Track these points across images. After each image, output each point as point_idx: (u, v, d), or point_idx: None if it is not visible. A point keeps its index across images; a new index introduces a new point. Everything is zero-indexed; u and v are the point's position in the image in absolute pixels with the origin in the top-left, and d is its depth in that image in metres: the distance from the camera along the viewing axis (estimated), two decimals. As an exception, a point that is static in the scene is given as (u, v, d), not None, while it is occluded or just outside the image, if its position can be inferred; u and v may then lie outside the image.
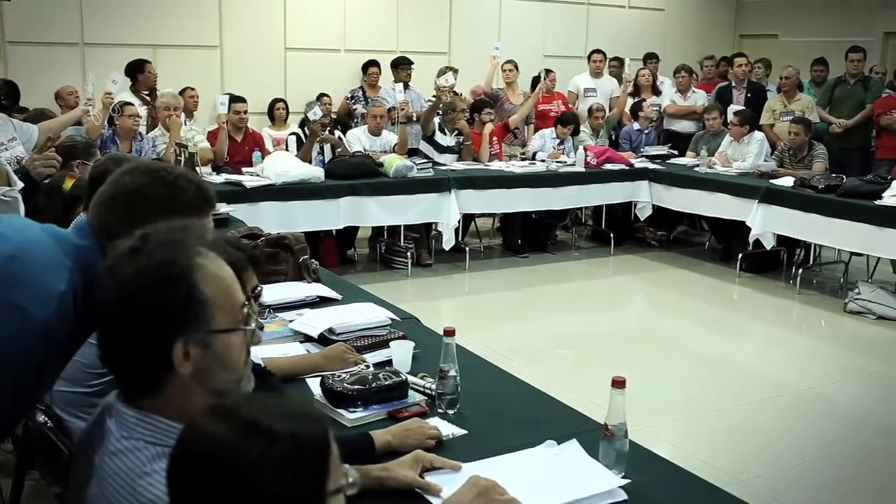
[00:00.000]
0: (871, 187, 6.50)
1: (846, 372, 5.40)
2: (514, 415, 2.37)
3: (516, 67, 8.65)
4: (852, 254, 7.04)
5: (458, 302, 6.74)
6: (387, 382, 2.32)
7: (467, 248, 7.36)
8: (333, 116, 8.02)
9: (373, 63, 8.57)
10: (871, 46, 10.18)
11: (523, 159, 7.90)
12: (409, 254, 7.02)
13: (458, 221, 6.99)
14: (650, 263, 7.77)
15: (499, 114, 8.42)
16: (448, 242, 6.96)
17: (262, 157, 6.83)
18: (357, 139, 7.31)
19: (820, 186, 6.70)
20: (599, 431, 2.02)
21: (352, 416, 2.23)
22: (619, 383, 1.97)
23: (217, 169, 6.71)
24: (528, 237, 7.87)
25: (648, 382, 4.98)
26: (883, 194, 6.30)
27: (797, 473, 3.98)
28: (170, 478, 1.13)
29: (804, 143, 7.47)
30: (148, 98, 7.20)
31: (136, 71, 7.19)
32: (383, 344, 2.72)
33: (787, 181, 7.04)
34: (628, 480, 1.94)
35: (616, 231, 8.09)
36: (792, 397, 4.93)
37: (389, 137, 7.43)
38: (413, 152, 7.53)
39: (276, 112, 8.01)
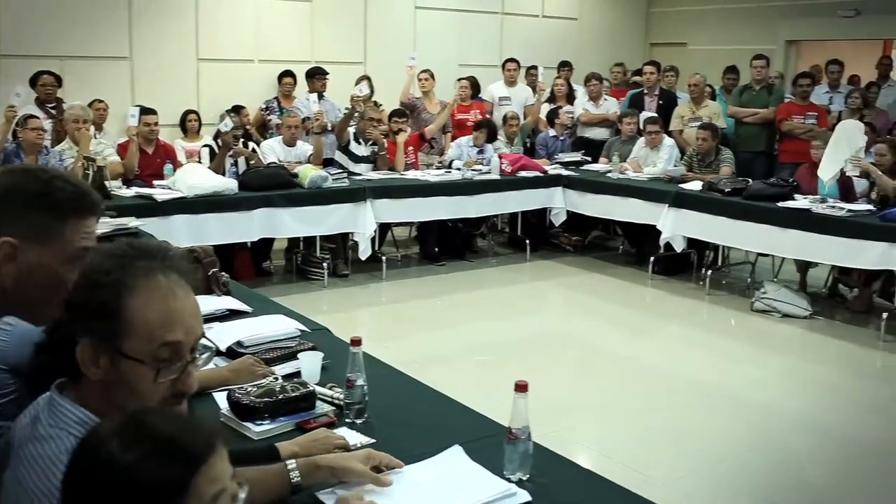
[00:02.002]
0: (774, 190, 6.73)
1: (756, 369, 5.57)
2: (422, 422, 2.39)
3: (432, 76, 8.71)
4: (758, 254, 7.28)
5: (375, 311, 6.75)
6: (294, 394, 2.32)
7: (384, 258, 7.36)
8: (248, 128, 7.95)
9: (288, 73, 8.52)
10: (774, 54, 10.54)
11: (439, 168, 7.93)
12: (325, 265, 6.99)
13: (375, 231, 6.99)
14: (566, 268, 7.89)
15: (416, 123, 8.47)
16: (364, 252, 6.95)
17: (174, 170, 6.72)
18: (271, 150, 7.26)
19: (726, 190, 6.91)
20: (504, 435, 2.05)
21: (258, 429, 2.22)
22: (521, 387, 2.00)
23: (128, 182, 6.58)
24: (444, 245, 7.91)
25: (565, 385, 5.07)
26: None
27: (714, 472, 4.09)
28: (66, 469, 1.17)
29: (711, 149, 7.69)
30: (53, 111, 7.03)
31: (32, 83, 7.03)
32: (292, 356, 2.71)
33: (695, 185, 7.24)
34: (511, 484, 1.97)
35: (532, 237, 8.20)
36: (705, 396, 5.06)
37: (304, 148, 7.39)
38: (328, 162, 7.52)
39: (188, 124, 7.91)
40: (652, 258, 7.50)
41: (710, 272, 7.23)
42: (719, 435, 4.49)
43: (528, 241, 8.14)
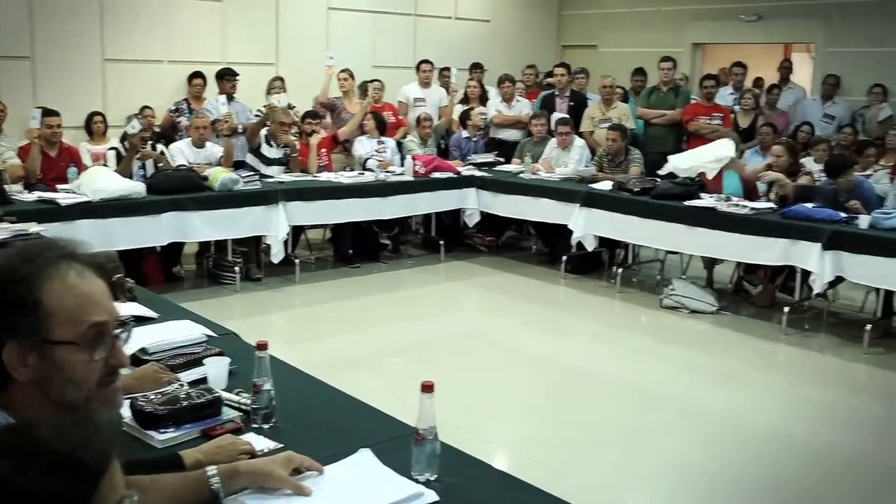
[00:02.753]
0: (681, 189, 6.89)
1: (665, 364, 5.70)
2: (331, 426, 2.38)
3: (352, 76, 8.69)
4: (667, 252, 7.45)
5: (289, 315, 6.68)
6: (199, 400, 2.28)
7: (297, 261, 7.29)
8: (156, 129, 7.79)
9: (197, 74, 8.37)
10: (681, 56, 10.80)
11: (351, 170, 7.89)
12: (237, 268, 6.88)
13: (288, 234, 6.93)
14: (480, 268, 7.94)
15: (337, 123, 8.47)
16: (277, 255, 6.87)
17: (79, 173, 6.54)
18: (180, 152, 7.12)
19: (635, 189, 7.06)
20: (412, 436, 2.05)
21: (162, 437, 2.17)
22: (427, 388, 2.01)
23: (29, 186, 6.37)
24: (359, 247, 7.88)
25: (480, 385, 5.11)
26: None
27: (626, 464, 4.16)
28: None
29: (621, 149, 7.83)
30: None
31: None
32: (198, 362, 2.66)
33: (605, 185, 7.37)
34: (419, 485, 1.97)
35: (446, 238, 8.23)
36: (617, 391, 5.16)
37: (214, 150, 7.27)
38: (239, 165, 7.41)
39: (93, 126, 7.68)
40: (564, 257, 7.60)
41: (620, 270, 7.37)
42: (631, 429, 4.58)
43: (442, 242, 8.17)
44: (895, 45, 9.73)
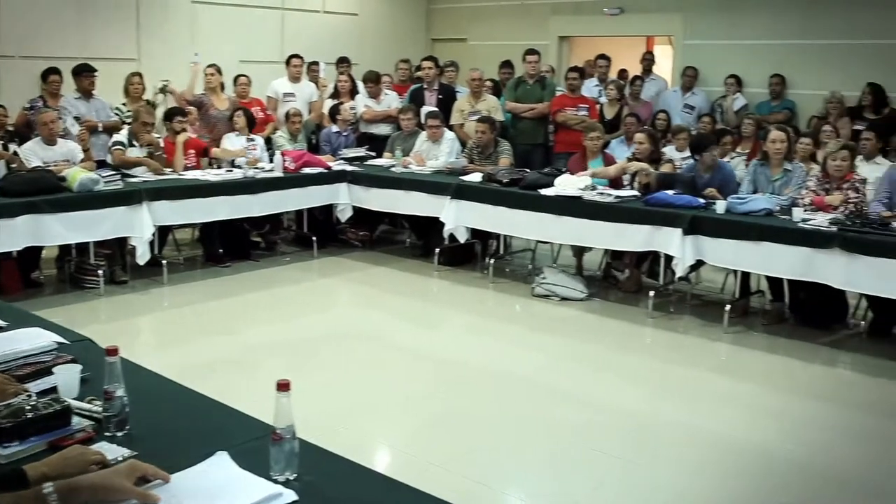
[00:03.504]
0: (548, 179, 7.02)
1: (539, 352, 5.81)
2: (189, 430, 2.32)
3: (219, 71, 8.51)
4: (538, 241, 7.59)
5: (156, 318, 6.48)
6: (46, 411, 2.17)
7: (165, 262, 7.08)
8: (9, 129, 7.42)
9: (53, 70, 8.00)
10: (547, 49, 11.01)
11: (219, 167, 7.72)
12: (100, 272, 6.63)
13: (154, 234, 6.72)
14: (354, 264, 7.90)
15: (205, 119, 8.30)
16: (143, 257, 6.64)
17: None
18: (33, 153, 6.73)
19: (504, 181, 7.16)
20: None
21: (6, 452, 2.07)
22: (283, 386, 1.98)
23: None
24: (229, 246, 7.71)
25: (354, 380, 5.09)
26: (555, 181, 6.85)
27: (501, 453, 4.20)
28: None
29: (490, 141, 7.93)
30: None
31: None
32: (47, 371, 2.55)
33: (475, 177, 7.44)
34: (278, 485, 1.95)
35: (319, 234, 8.14)
36: (491, 381, 5.22)
37: (69, 146, 6.96)
38: (100, 164, 7.14)
39: (-63, 126, 7.27)
40: (437, 250, 7.65)
41: (493, 261, 7.46)
42: (505, 417, 4.64)
43: (314, 239, 8.08)
44: (748, 37, 10.18)
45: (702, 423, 4.68)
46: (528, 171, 7.42)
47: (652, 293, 6.54)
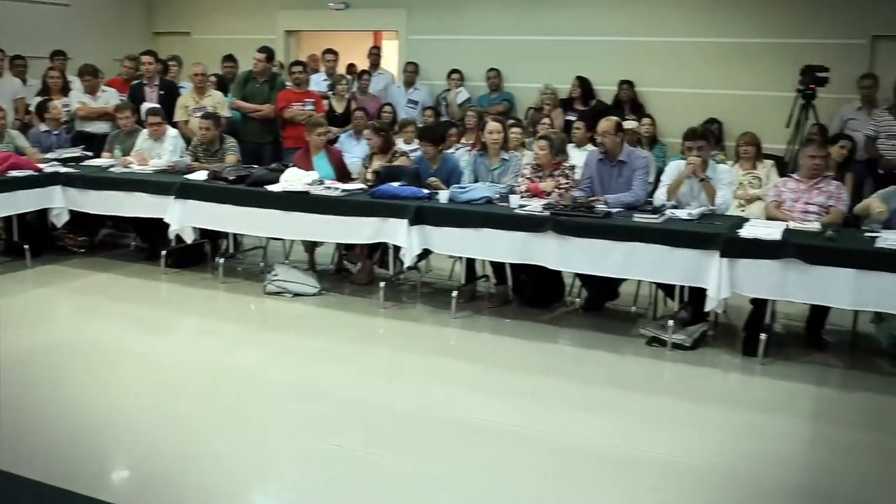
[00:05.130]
0: (275, 175, 6.96)
1: (269, 349, 5.72)
2: None
3: None
4: (269, 238, 7.50)
5: None
6: None
7: None
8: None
9: None
10: (275, 43, 10.91)
11: None
12: None
13: None
14: (74, 271, 7.42)
15: None
16: None
17: None
18: None
19: (231, 178, 7.01)
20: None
21: None
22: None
23: None
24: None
25: (76, 394, 4.79)
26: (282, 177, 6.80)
27: (239, 456, 4.09)
28: None
29: (216, 138, 7.74)
30: None
31: None
32: None
33: (201, 175, 7.22)
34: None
35: (32, 242, 7.52)
36: (226, 382, 5.07)
37: None
38: None
39: None
40: (164, 252, 7.35)
41: (223, 261, 7.28)
42: (241, 417, 4.52)
43: (27, 247, 7.46)
44: (469, 33, 10.61)
45: (431, 406, 4.79)
46: (255, 167, 7.31)
47: (382, 284, 6.65)
